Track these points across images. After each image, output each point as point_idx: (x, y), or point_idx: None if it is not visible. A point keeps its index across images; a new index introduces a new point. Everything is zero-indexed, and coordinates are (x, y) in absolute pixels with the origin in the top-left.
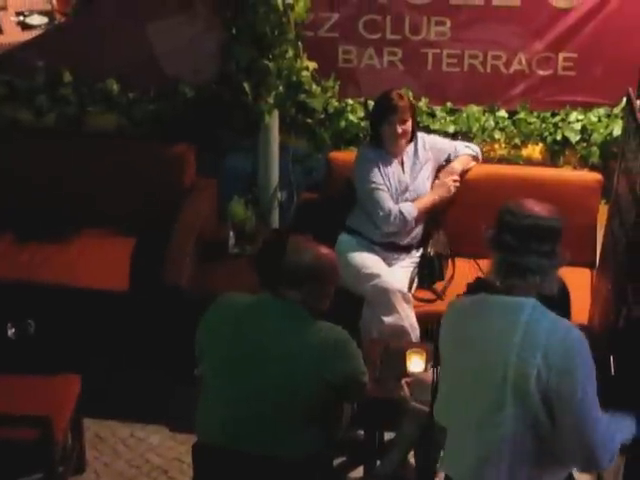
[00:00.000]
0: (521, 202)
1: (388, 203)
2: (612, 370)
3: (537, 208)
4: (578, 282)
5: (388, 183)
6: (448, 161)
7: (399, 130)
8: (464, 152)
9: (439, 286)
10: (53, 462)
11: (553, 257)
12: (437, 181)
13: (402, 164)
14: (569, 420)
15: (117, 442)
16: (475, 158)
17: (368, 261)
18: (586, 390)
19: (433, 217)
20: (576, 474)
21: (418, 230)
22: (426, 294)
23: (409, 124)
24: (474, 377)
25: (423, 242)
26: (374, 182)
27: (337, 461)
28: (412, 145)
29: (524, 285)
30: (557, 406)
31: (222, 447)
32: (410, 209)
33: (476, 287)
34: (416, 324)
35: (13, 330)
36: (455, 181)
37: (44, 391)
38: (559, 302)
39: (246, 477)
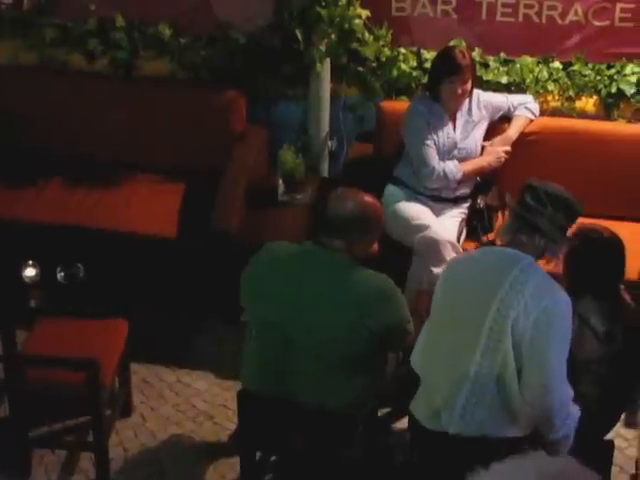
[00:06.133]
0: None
1: (432, 161)
2: None
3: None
4: (632, 237)
5: (436, 139)
6: (503, 117)
7: (459, 90)
8: (521, 113)
9: (488, 238)
10: (100, 405)
11: (562, 232)
12: (489, 147)
13: (454, 120)
14: (535, 378)
15: (164, 387)
16: (532, 121)
17: (417, 212)
18: (557, 353)
19: None
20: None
21: (465, 187)
22: (475, 246)
23: (469, 83)
24: (454, 322)
25: (472, 194)
26: (421, 137)
27: (382, 411)
28: (467, 101)
29: (529, 244)
30: (526, 359)
31: (267, 395)
32: (454, 170)
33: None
34: None
35: (62, 274)
36: (507, 152)
37: (92, 335)
38: (613, 258)
39: (290, 425)
